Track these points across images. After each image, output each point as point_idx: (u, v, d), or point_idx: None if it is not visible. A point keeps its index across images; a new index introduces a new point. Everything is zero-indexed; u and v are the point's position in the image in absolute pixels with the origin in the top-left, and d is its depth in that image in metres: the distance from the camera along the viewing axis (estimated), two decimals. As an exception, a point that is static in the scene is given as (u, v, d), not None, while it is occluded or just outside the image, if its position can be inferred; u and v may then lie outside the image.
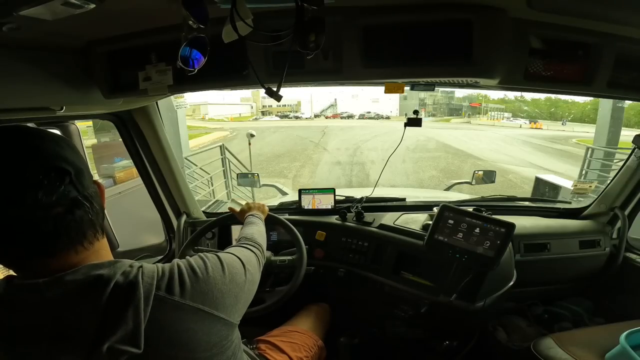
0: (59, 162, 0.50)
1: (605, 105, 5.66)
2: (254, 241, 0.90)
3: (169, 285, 0.55)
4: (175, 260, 0.60)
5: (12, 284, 0.51)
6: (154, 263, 0.59)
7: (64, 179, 0.50)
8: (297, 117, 45.50)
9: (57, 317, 0.48)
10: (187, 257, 0.64)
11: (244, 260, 0.72)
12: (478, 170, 2.27)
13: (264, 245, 0.97)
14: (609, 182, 1.63)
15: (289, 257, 1.37)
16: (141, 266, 0.55)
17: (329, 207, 1.70)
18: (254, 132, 6.93)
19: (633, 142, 1.38)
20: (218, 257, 0.66)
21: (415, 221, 1.52)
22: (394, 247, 1.45)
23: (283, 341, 1.18)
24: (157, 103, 1.44)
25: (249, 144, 6.93)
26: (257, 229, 1.05)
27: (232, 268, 0.66)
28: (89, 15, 0.62)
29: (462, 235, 1.25)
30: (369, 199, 1.75)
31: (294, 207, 1.76)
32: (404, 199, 1.81)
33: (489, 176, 2.26)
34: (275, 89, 0.71)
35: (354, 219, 1.62)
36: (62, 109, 1.02)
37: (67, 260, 0.51)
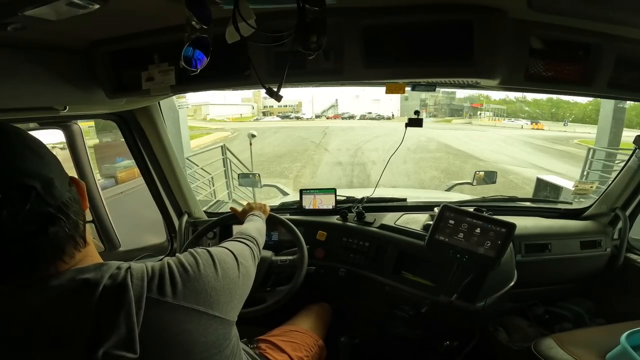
0: (19, 179, 0.45)
1: (607, 106, 5.65)
2: (249, 235, 0.88)
3: (160, 286, 0.53)
4: (166, 259, 0.59)
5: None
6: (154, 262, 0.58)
7: (28, 195, 0.45)
8: (298, 118, 45.47)
9: (47, 324, 0.47)
10: (178, 254, 0.62)
11: (237, 254, 0.70)
12: (479, 171, 2.27)
13: (261, 240, 0.95)
14: (610, 182, 1.63)
15: (290, 257, 1.38)
16: (129, 267, 0.53)
17: (330, 207, 1.70)
18: (255, 133, 6.94)
19: (634, 142, 1.38)
20: (209, 252, 0.64)
21: (416, 221, 1.53)
22: (395, 247, 1.45)
23: (283, 341, 1.18)
24: (159, 103, 1.45)
25: (250, 144, 6.95)
26: (253, 225, 1.04)
27: (224, 263, 0.64)
28: (92, 16, 0.63)
29: (463, 236, 1.25)
30: (370, 199, 1.75)
31: (295, 207, 1.77)
32: (404, 200, 1.81)
33: (490, 177, 2.26)
34: (276, 89, 0.71)
35: (355, 219, 1.62)
36: (65, 108, 1.03)
37: (49, 273, 0.49)
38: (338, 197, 1.72)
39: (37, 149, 0.50)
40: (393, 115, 44.28)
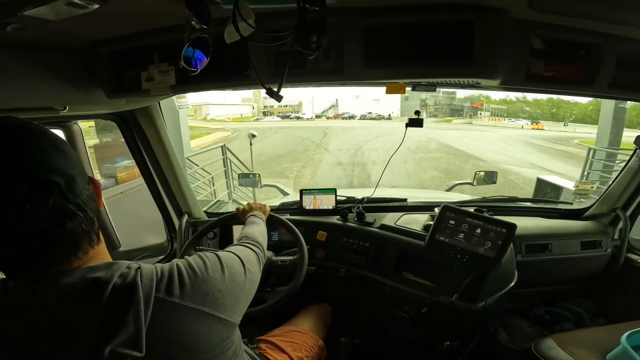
0: (45, 174, 0.47)
1: (607, 106, 5.65)
2: (255, 240, 0.90)
3: (168, 286, 0.54)
4: (175, 261, 0.59)
5: (6, 288, 0.50)
6: (155, 263, 0.58)
7: (52, 191, 0.47)
8: (298, 118, 45.43)
9: (56, 321, 0.47)
10: (186, 256, 0.63)
11: (244, 260, 0.71)
12: (479, 171, 2.27)
13: (265, 245, 0.97)
14: (610, 182, 1.63)
15: (290, 257, 1.37)
16: (139, 267, 0.54)
17: (330, 207, 1.70)
18: (255, 133, 6.93)
19: (635, 142, 1.38)
20: (217, 256, 0.65)
21: (417, 221, 1.52)
22: (395, 248, 1.45)
23: (284, 341, 1.18)
24: (159, 103, 1.45)
25: (250, 144, 6.94)
26: (258, 229, 1.05)
27: (232, 268, 0.65)
28: (92, 16, 0.63)
29: (463, 236, 1.25)
30: (370, 200, 1.75)
31: (295, 208, 1.76)
32: (405, 200, 1.81)
33: (490, 177, 2.26)
34: (276, 90, 0.71)
35: (355, 219, 1.62)
36: (65, 108, 1.03)
37: (61, 269, 0.50)
38: (338, 197, 1.72)
39: (61, 147, 0.51)
40: (389, 116, 44.12)
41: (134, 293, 0.50)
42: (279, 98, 0.72)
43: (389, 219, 1.57)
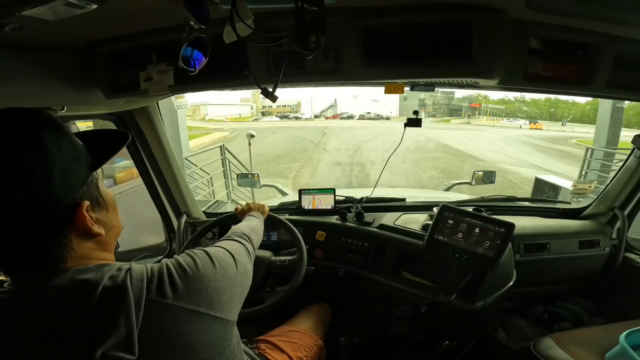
0: (46, 185, 0.48)
1: (605, 105, 5.67)
2: (241, 232, 0.88)
3: (159, 287, 0.53)
4: (164, 260, 0.58)
5: (1, 291, 0.50)
6: (154, 263, 0.58)
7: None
8: (297, 118, 45.49)
9: (47, 323, 0.47)
10: (176, 256, 0.62)
11: (233, 252, 0.70)
12: (478, 171, 2.28)
13: (255, 238, 0.94)
14: (608, 182, 1.63)
15: (289, 257, 1.38)
16: (130, 268, 0.53)
17: (329, 207, 1.70)
18: (254, 133, 6.93)
19: (632, 142, 1.38)
20: (206, 252, 0.64)
21: (415, 221, 1.53)
22: (394, 247, 1.45)
23: (283, 341, 1.18)
24: (157, 103, 1.45)
25: (249, 144, 6.93)
26: (248, 224, 1.03)
27: (222, 262, 0.64)
28: (90, 16, 0.63)
29: (462, 235, 1.26)
30: (369, 199, 1.75)
31: (294, 208, 1.76)
32: (404, 199, 1.81)
33: (488, 176, 2.26)
34: (271, 90, 0.71)
35: (354, 219, 1.62)
36: (63, 109, 1.02)
37: (50, 271, 0.51)
38: (337, 197, 1.72)
39: (59, 139, 0.52)
40: (383, 115, 43.92)
41: (124, 295, 0.49)
42: (273, 98, 0.71)
43: (388, 218, 1.57)
